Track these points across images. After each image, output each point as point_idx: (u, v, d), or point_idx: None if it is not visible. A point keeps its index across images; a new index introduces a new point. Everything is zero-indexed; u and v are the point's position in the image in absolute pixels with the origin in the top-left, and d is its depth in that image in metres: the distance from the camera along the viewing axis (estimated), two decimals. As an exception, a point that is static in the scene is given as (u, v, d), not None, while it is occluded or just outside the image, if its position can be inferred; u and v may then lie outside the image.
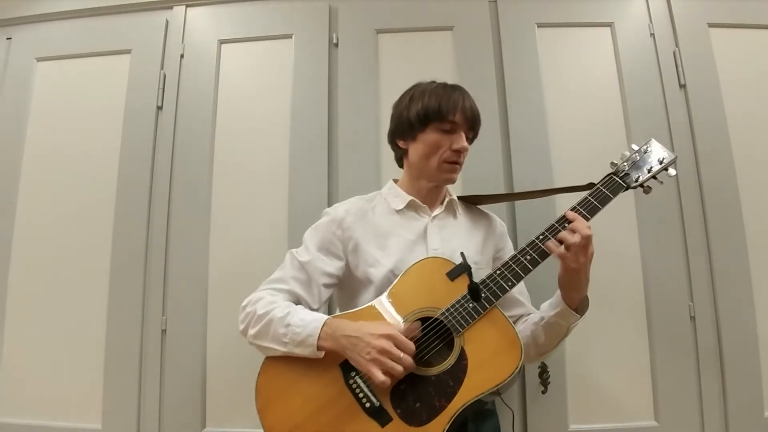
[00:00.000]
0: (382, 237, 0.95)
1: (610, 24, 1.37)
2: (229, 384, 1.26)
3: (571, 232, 0.81)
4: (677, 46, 1.33)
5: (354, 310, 0.88)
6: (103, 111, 1.42)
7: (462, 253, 0.88)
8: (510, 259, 0.85)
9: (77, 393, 1.27)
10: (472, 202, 1.08)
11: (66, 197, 1.38)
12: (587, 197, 0.87)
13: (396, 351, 0.77)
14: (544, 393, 1.19)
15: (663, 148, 0.92)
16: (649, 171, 0.90)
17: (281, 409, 0.82)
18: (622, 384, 1.21)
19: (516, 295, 0.99)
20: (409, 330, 0.83)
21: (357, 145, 1.34)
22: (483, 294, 0.83)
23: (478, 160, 1.25)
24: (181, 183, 1.36)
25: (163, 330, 1.28)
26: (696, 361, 1.20)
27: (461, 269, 0.86)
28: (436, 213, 0.99)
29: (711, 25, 1.34)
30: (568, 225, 0.83)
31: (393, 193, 1.02)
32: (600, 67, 1.36)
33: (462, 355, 0.81)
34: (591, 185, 0.91)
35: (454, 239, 0.96)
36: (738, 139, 1.28)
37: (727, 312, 1.21)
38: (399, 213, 0.98)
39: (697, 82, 1.31)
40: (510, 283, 0.84)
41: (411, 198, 0.99)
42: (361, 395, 0.81)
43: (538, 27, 1.38)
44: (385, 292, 0.88)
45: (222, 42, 1.43)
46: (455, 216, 1.02)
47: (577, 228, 0.81)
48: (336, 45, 1.41)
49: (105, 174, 1.38)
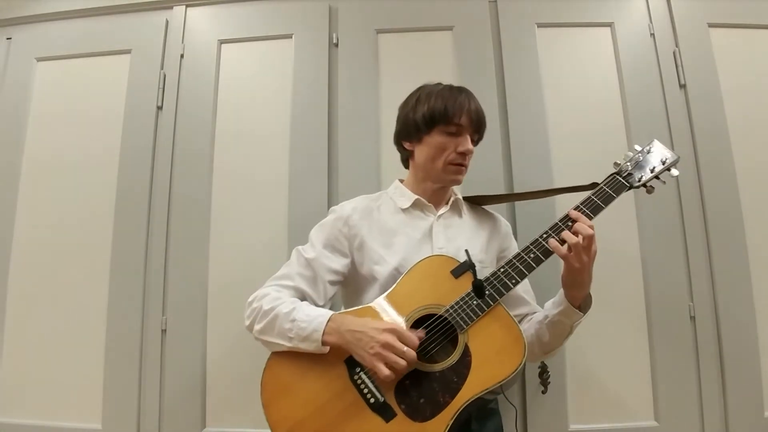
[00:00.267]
0: (387, 235, 0.96)
1: (610, 24, 1.37)
2: (229, 384, 1.25)
3: (574, 231, 0.81)
4: (677, 46, 1.34)
5: (358, 307, 0.89)
6: (103, 111, 1.42)
7: (467, 251, 0.88)
8: (514, 257, 0.86)
9: (77, 393, 1.27)
10: (477, 202, 1.09)
11: (66, 197, 1.38)
12: (591, 196, 0.88)
13: (399, 345, 0.77)
14: (544, 393, 1.19)
15: (666, 148, 0.93)
16: (652, 171, 0.91)
17: (286, 404, 0.83)
18: (622, 384, 1.21)
19: (521, 294, 0.99)
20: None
21: (357, 145, 1.34)
22: (487, 291, 0.84)
23: (477, 159, 1.23)
24: (182, 183, 1.36)
25: (163, 330, 1.28)
26: (696, 361, 1.20)
27: (466, 267, 0.87)
28: (441, 212, 1.00)
29: (711, 25, 1.34)
30: (571, 224, 0.83)
31: (399, 193, 1.02)
32: (600, 67, 1.36)
33: (466, 352, 0.81)
34: (594, 185, 0.92)
35: (459, 238, 0.97)
36: (738, 139, 1.28)
37: (727, 312, 1.21)
38: (405, 212, 0.99)
39: (697, 82, 1.32)
40: (514, 281, 0.84)
41: (417, 197, 0.99)
42: (366, 391, 0.81)
43: (538, 27, 1.38)
44: (390, 289, 0.88)
45: (222, 42, 1.43)
46: (460, 215, 1.03)
47: (580, 228, 0.81)
48: (336, 45, 1.41)
49: (105, 174, 1.38)
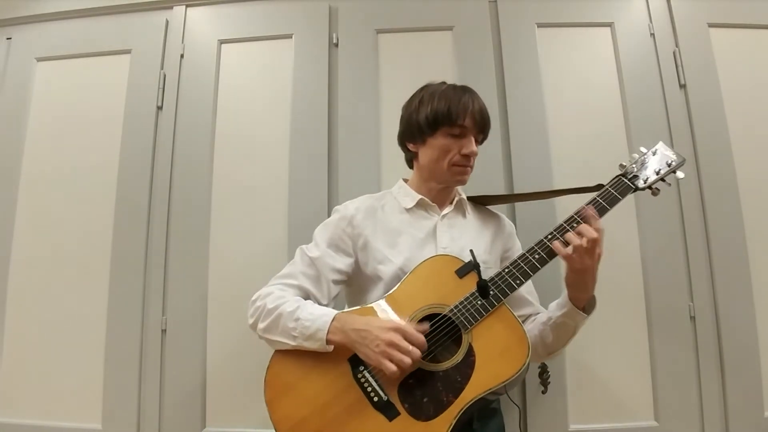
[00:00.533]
0: (391, 235, 0.95)
1: (610, 24, 1.37)
2: (229, 384, 1.25)
3: (579, 234, 0.81)
4: (677, 46, 1.34)
5: (362, 306, 0.89)
6: (103, 111, 1.42)
7: (471, 251, 0.88)
8: (519, 258, 0.86)
9: (77, 393, 1.27)
10: (481, 202, 1.09)
11: (66, 197, 1.38)
12: (596, 198, 0.88)
13: (405, 343, 0.77)
14: (544, 393, 1.19)
15: (670, 150, 0.93)
16: (657, 173, 0.91)
17: (289, 402, 0.82)
18: (622, 384, 1.21)
19: (525, 295, 0.99)
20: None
21: (357, 145, 1.34)
22: (491, 291, 0.84)
23: (477, 159, 1.24)
24: (182, 182, 1.35)
25: (163, 330, 1.28)
26: (696, 361, 1.20)
27: (470, 267, 0.87)
28: (445, 212, 0.99)
29: (711, 25, 1.35)
30: (576, 225, 0.83)
31: (403, 192, 1.02)
32: (600, 68, 1.36)
33: (470, 352, 0.81)
34: (600, 186, 0.92)
35: (463, 238, 0.97)
36: (738, 139, 1.28)
37: (727, 312, 1.21)
38: (409, 211, 0.99)
39: (697, 82, 1.32)
40: (518, 281, 0.84)
41: (421, 197, 0.99)
42: (369, 389, 0.81)
43: (538, 27, 1.38)
44: (394, 288, 0.88)
45: (222, 42, 1.43)
46: (464, 215, 1.02)
47: (584, 230, 0.81)
48: (336, 45, 1.41)
49: (105, 174, 1.37)
